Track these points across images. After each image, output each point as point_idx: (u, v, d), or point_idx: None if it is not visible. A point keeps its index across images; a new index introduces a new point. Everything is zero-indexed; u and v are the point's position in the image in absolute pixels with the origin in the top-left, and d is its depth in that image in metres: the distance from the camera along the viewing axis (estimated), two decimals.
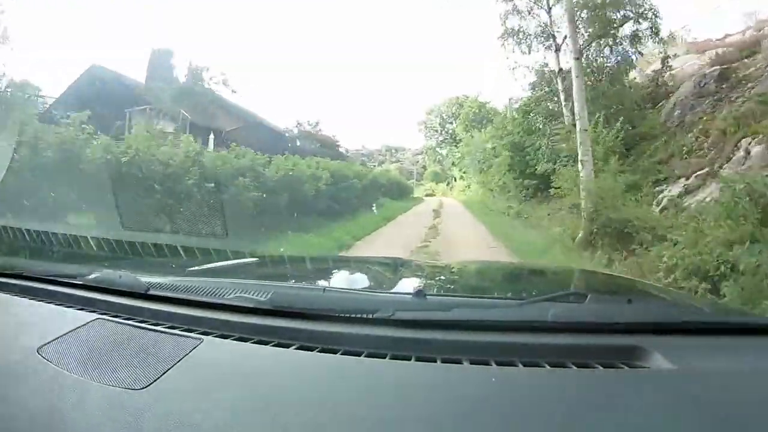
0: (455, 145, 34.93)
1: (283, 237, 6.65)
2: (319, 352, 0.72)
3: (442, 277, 1.64)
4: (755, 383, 0.65)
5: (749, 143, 6.11)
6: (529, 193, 11.43)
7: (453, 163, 38.34)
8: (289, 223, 7.52)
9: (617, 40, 10.08)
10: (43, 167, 4.62)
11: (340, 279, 1.54)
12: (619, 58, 10.37)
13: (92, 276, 1.04)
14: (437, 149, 41.24)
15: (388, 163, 46.80)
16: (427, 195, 35.29)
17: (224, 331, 0.80)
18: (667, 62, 10.35)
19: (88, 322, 0.87)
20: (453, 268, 1.84)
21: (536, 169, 10.16)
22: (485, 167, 17.09)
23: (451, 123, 38.28)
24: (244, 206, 6.33)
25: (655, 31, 9.78)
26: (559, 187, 8.21)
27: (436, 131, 40.53)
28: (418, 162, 47.82)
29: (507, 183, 12.72)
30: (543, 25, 10.30)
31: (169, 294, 0.94)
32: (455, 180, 36.06)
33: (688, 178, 6.70)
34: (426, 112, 40.69)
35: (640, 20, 9.66)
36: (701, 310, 1.19)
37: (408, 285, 1.34)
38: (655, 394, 0.60)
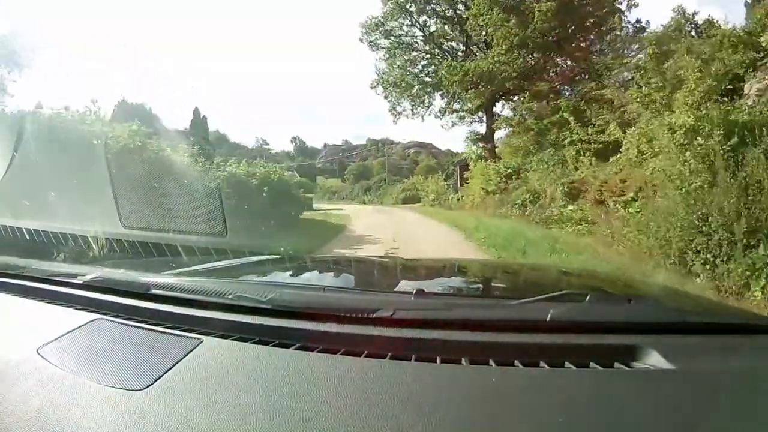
0: (472, 62, 15.48)
1: None
2: (319, 352, 0.72)
3: (442, 277, 1.64)
4: (755, 383, 0.65)
5: None
6: None
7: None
8: None
9: None
10: None
11: (340, 278, 1.54)
12: None
13: (92, 276, 1.04)
14: (416, 88, 18.49)
15: (371, 159, 43.93)
16: (404, 201, 25.93)
17: (224, 331, 0.80)
18: None
19: (88, 322, 0.87)
20: (453, 267, 1.84)
21: None
22: None
23: (456, 22, 17.05)
24: None
25: None
26: None
27: (412, 47, 18.37)
28: (409, 156, 43.90)
29: None
30: None
31: (170, 294, 0.94)
32: (469, 165, 16.91)
33: None
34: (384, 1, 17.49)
35: None
36: (701, 310, 1.19)
37: (408, 284, 1.34)
38: (655, 394, 0.60)
